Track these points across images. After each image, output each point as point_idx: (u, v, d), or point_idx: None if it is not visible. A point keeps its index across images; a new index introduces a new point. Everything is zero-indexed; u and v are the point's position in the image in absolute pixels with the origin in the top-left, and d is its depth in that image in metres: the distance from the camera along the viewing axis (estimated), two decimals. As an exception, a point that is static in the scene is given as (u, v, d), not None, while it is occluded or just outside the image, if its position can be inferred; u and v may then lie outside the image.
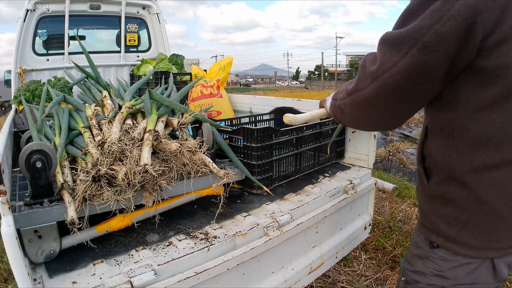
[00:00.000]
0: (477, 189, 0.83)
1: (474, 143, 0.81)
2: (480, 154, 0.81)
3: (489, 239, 0.85)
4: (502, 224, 0.84)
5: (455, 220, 0.88)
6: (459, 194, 0.86)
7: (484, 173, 0.82)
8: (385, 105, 0.84)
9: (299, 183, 1.75)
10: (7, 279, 2.21)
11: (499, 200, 0.82)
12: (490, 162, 0.80)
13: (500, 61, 0.74)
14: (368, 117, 0.93)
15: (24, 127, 1.90)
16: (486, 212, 0.83)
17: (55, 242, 1.06)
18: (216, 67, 3.03)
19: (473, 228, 0.86)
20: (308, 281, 1.57)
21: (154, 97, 1.42)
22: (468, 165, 0.83)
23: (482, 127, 0.79)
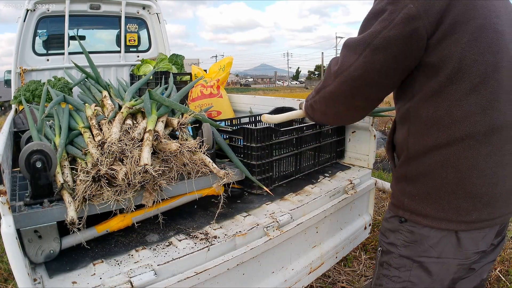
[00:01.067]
0: (431, 166, 0.95)
1: (426, 126, 0.95)
2: (431, 135, 0.94)
3: (448, 211, 0.94)
4: (457, 197, 0.93)
5: (417, 195, 0.99)
6: (417, 172, 0.99)
7: (435, 152, 0.94)
8: (347, 99, 1.02)
9: (299, 183, 1.75)
10: (7, 279, 2.21)
11: (451, 175, 0.93)
12: (439, 141, 0.93)
13: (441, 55, 0.88)
14: (334, 111, 1.11)
15: (24, 127, 1.90)
16: (442, 186, 0.94)
17: (55, 242, 1.06)
18: (216, 67, 3.03)
19: (432, 200, 0.96)
20: (308, 281, 1.57)
21: (154, 97, 1.42)
22: (423, 146, 0.96)
23: (431, 112, 0.93)
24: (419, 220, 0.99)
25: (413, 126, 0.98)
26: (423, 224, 0.99)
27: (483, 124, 0.90)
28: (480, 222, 0.94)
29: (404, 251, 1.03)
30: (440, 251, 0.98)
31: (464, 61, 0.87)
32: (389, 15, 0.88)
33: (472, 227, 0.94)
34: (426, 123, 0.95)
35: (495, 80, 0.89)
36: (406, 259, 1.03)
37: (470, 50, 0.87)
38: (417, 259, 1.01)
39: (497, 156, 0.92)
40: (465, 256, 0.98)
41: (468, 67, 0.87)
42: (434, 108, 0.92)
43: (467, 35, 0.87)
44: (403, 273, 1.04)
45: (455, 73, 0.88)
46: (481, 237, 0.97)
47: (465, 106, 0.89)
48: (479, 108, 0.89)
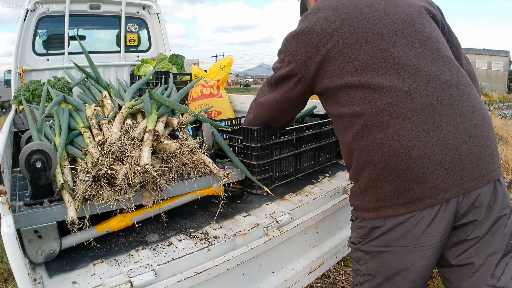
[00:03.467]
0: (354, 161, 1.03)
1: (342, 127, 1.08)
2: (346, 134, 1.04)
3: (379, 199, 0.96)
4: (380, 183, 0.95)
5: (354, 192, 1.07)
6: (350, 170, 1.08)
7: (352, 147, 1.02)
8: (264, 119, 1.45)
9: (299, 183, 1.75)
10: (7, 279, 2.21)
11: (367, 164, 0.98)
12: (351, 136, 1.02)
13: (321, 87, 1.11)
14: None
15: (24, 127, 1.90)
16: (367, 178, 0.99)
17: (55, 242, 1.06)
18: (216, 67, 3.03)
19: (365, 193, 1.01)
20: (308, 281, 1.56)
21: (154, 97, 1.42)
22: (344, 146, 1.08)
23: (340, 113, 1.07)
24: (361, 214, 1.04)
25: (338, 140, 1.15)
26: (364, 217, 1.03)
27: (371, 108, 0.95)
28: (419, 202, 0.89)
29: (359, 246, 1.08)
30: (387, 240, 0.97)
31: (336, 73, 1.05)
32: (281, 62, 1.21)
33: (410, 208, 0.90)
34: (338, 131, 1.12)
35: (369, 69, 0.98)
36: (361, 252, 1.07)
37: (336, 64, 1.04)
38: (369, 250, 1.03)
39: (408, 129, 0.90)
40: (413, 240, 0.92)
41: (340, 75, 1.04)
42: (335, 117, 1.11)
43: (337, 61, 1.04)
44: (362, 266, 1.07)
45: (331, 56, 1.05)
46: (429, 219, 0.90)
47: (350, 103, 1.01)
48: (362, 99, 0.98)
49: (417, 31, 1.01)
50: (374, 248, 1.01)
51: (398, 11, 1.04)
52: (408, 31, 1.00)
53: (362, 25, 1.02)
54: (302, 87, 1.18)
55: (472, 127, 0.92)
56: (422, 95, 0.92)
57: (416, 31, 1.01)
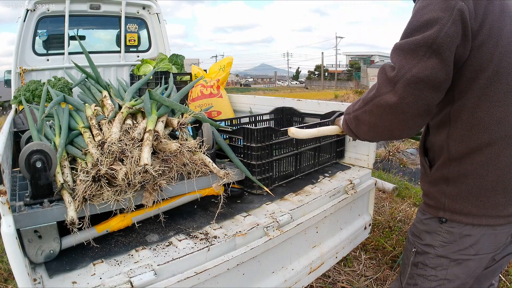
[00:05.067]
0: (473, 166, 0.98)
1: (466, 128, 0.97)
2: (472, 136, 0.97)
3: (488, 207, 0.98)
4: (496, 193, 0.98)
5: (458, 195, 1.01)
6: (459, 172, 1.01)
7: (477, 152, 0.97)
8: (409, 106, 0.92)
9: (299, 183, 1.75)
10: (7, 279, 2.21)
11: (491, 174, 0.97)
12: (481, 142, 0.96)
13: (481, 59, 0.92)
14: (388, 123, 0.99)
15: (24, 127, 1.90)
16: (482, 185, 0.98)
17: (55, 242, 1.06)
18: (216, 67, 3.03)
19: (473, 199, 0.99)
20: (308, 281, 1.57)
21: (154, 97, 1.42)
22: (464, 147, 0.99)
23: (472, 114, 0.96)
24: (460, 219, 1.02)
25: (453, 129, 1.00)
26: (464, 222, 1.01)
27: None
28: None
29: (441, 251, 1.06)
30: (478, 248, 1.02)
31: (502, 64, 0.92)
32: (443, 13, 0.88)
33: (508, 221, 1.00)
34: (467, 125, 0.97)
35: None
36: (444, 259, 1.06)
37: (506, 54, 0.92)
38: (455, 257, 1.04)
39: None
40: (497, 248, 1.03)
41: (505, 69, 0.92)
42: (474, 110, 0.95)
43: (503, 39, 0.92)
44: (440, 272, 1.07)
45: (494, 76, 0.92)
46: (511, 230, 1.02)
47: (504, 106, 0.94)
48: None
49: None
50: (462, 256, 1.04)
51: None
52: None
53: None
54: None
55: None
56: None
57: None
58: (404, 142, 6.22)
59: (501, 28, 0.92)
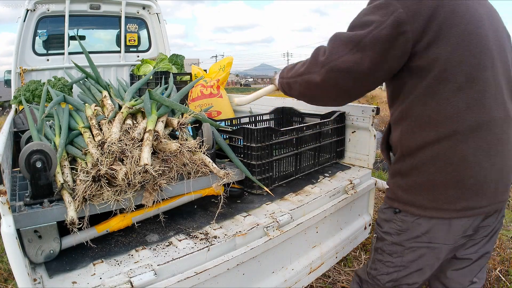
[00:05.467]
0: (422, 161, 1.04)
1: (416, 125, 1.04)
2: (421, 133, 1.03)
3: (439, 200, 1.03)
4: (447, 188, 1.02)
5: (410, 187, 1.08)
6: (411, 166, 1.07)
7: (426, 148, 1.03)
8: (328, 89, 1.11)
9: (299, 183, 1.75)
10: (7, 279, 2.21)
11: (441, 169, 1.01)
12: (429, 138, 1.01)
13: (429, 59, 0.97)
14: (312, 95, 1.23)
15: (24, 127, 1.90)
16: (432, 179, 1.03)
17: (55, 242, 1.06)
18: (216, 67, 3.02)
19: (424, 192, 1.05)
20: (308, 281, 1.57)
21: (154, 97, 1.42)
22: (414, 143, 1.05)
23: (421, 111, 1.02)
24: (412, 210, 1.08)
25: (405, 126, 1.08)
26: (415, 214, 1.08)
27: (470, 120, 0.98)
28: (469, 210, 1.03)
29: (396, 239, 1.13)
30: (431, 237, 1.07)
31: (450, 63, 0.96)
32: (381, 17, 0.97)
33: (461, 214, 1.03)
34: (417, 123, 1.04)
35: (481, 80, 0.98)
36: (398, 246, 1.13)
37: (455, 53, 0.96)
38: (408, 245, 1.11)
39: (485, 149, 1.00)
40: (453, 240, 1.07)
41: (454, 68, 0.97)
42: (423, 108, 1.01)
43: (452, 39, 0.96)
44: (396, 258, 1.14)
45: (442, 75, 0.97)
46: (469, 224, 1.05)
47: (452, 104, 0.98)
48: (465, 105, 0.97)
49: (508, 65, 1.07)
50: (415, 244, 1.09)
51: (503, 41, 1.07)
52: (505, 63, 1.06)
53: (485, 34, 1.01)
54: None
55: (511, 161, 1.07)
56: (499, 124, 1.02)
57: (507, 64, 1.07)
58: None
59: (450, 28, 0.96)
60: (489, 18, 1.04)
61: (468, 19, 0.98)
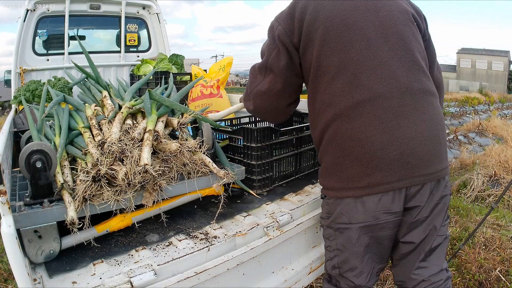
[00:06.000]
0: (323, 146, 1.17)
1: (313, 117, 1.22)
2: (316, 123, 1.19)
3: (343, 180, 1.11)
4: (346, 166, 1.09)
5: (322, 173, 1.21)
6: (320, 154, 1.21)
7: (322, 134, 1.16)
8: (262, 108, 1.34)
9: (299, 183, 1.75)
10: (7, 279, 2.21)
11: (336, 150, 1.12)
12: (321, 125, 1.15)
13: (307, 60, 1.16)
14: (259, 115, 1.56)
15: (24, 127, 1.90)
16: (333, 161, 1.14)
17: (55, 242, 1.06)
18: (216, 67, 3.02)
19: (330, 174, 1.16)
20: (308, 281, 1.56)
21: (154, 97, 1.42)
22: (315, 133, 1.21)
23: (312, 104, 1.20)
24: (329, 193, 1.19)
25: (309, 121, 1.26)
26: (331, 195, 1.18)
27: (347, 101, 1.07)
28: (376, 186, 1.06)
29: (328, 222, 1.22)
30: (350, 217, 1.13)
31: (321, 59, 1.11)
32: (271, 39, 1.21)
33: (369, 191, 1.07)
34: (312, 115, 1.22)
35: (353, 64, 1.07)
36: (330, 229, 1.22)
37: (323, 49, 1.10)
38: (336, 227, 1.18)
39: (374, 124, 1.05)
40: (373, 217, 1.10)
41: (325, 62, 1.11)
42: (313, 102, 1.19)
43: (318, 38, 1.11)
44: (332, 242, 1.22)
45: (318, 71, 1.13)
46: (388, 200, 1.08)
47: (329, 92, 1.11)
48: (340, 90, 1.09)
49: (401, 39, 1.12)
50: (340, 225, 1.16)
51: (388, 15, 1.14)
52: (393, 37, 1.11)
53: (354, 21, 1.11)
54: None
55: (428, 131, 1.08)
56: (392, 97, 1.06)
57: (400, 38, 1.12)
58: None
59: (316, 30, 1.11)
60: (366, 4, 1.13)
61: (331, 17, 1.10)
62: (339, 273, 1.21)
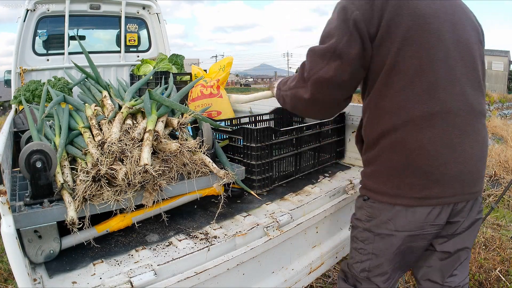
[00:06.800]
0: (382, 149, 1.11)
1: (375, 116, 1.12)
2: (379, 123, 1.10)
3: (401, 188, 1.08)
4: (407, 175, 1.07)
5: (373, 176, 1.15)
6: (373, 156, 1.15)
7: (384, 137, 1.10)
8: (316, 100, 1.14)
9: (299, 183, 1.75)
10: (7, 279, 2.21)
11: (400, 156, 1.07)
12: (386, 127, 1.08)
13: (382, 55, 1.05)
14: (304, 109, 1.25)
15: (24, 127, 1.90)
16: (392, 167, 1.09)
17: (55, 242, 1.06)
18: (216, 67, 3.02)
19: (386, 180, 1.11)
20: (308, 281, 1.57)
21: (154, 97, 1.42)
22: (375, 133, 1.13)
23: (378, 103, 1.10)
24: (378, 198, 1.14)
25: (366, 119, 1.16)
26: (380, 200, 1.13)
27: (421, 110, 1.03)
28: (432, 199, 1.06)
29: (367, 225, 1.18)
30: (397, 224, 1.10)
31: (399, 58, 1.04)
32: (343, 23, 1.05)
33: (424, 203, 1.07)
34: (375, 114, 1.12)
35: (431, 72, 1.03)
36: (369, 232, 1.17)
37: (403, 48, 1.03)
38: (377, 232, 1.15)
39: (443, 139, 1.04)
40: (420, 227, 1.10)
41: (403, 62, 1.04)
42: (380, 100, 1.09)
43: (399, 35, 1.03)
44: (367, 245, 1.19)
45: (392, 68, 1.05)
46: (436, 213, 1.08)
47: (404, 94, 1.05)
48: (416, 96, 1.04)
49: (472, 57, 1.11)
50: (383, 231, 1.13)
51: (464, 31, 1.12)
52: (466, 54, 1.10)
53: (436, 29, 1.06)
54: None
55: (480, 152, 1.11)
56: (460, 115, 1.06)
57: (471, 57, 1.11)
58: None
59: (397, 25, 1.03)
60: (446, 13, 1.08)
61: (415, 16, 1.04)
62: (367, 276, 1.20)
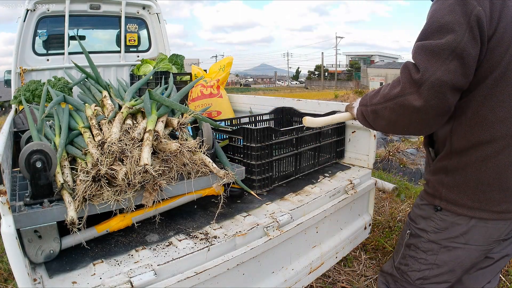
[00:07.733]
0: (472, 160, 1.03)
1: (470, 124, 1.02)
2: (474, 132, 1.01)
3: (482, 201, 1.03)
4: (492, 189, 1.02)
5: (455, 186, 1.07)
6: (458, 165, 1.06)
7: (477, 148, 1.01)
8: (432, 107, 0.94)
9: (299, 183, 1.75)
10: (7, 279, 2.21)
11: (489, 170, 1.01)
12: (482, 138, 1.00)
13: (493, 60, 0.95)
14: (408, 121, 1.01)
15: (24, 127, 1.90)
16: (479, 179, 1.03)
17: (55, 242, 1.06)
18: (216, 67, 3.03)
19: (469, 191, 1.05)
20: (308, 281, 1.57)
21: (154, 97, 1.42)
22: (466, 142, 1.03)
23: (477, 111, 1.00)
24: (454, 209, 1.07)
25: (457, 124, 1.04)
26: (457, 213, 1.07)
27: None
28: (508, 213, 1.04)
29: (433, 237, 1.13)
30: (469, 238, 1.07)
31: (510, 67, 0.95)
32: (463, 17, 0.91)
33: (501, 217, 1.04)
34: (471, 122, 1.01)
35: None
36: (435, 244, 1.13)
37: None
38: (445, 244, 1.11)
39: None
40: (488, 243, 1.08)
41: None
42: (480, 108, 0.99)
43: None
44: (430, 256, 1.15)
45: (501, 77, 0.96)
46: (505, 227, 1.06)
47: (508, 106, 0.97)
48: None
49: None
50: (452, 244, 1.10)
51: None
52: None
53: None
54: None
55: None
56: None
57: None
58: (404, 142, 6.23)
59: (510, 32, 0.94)
60: None
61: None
62: (421, 284, 1.19)
